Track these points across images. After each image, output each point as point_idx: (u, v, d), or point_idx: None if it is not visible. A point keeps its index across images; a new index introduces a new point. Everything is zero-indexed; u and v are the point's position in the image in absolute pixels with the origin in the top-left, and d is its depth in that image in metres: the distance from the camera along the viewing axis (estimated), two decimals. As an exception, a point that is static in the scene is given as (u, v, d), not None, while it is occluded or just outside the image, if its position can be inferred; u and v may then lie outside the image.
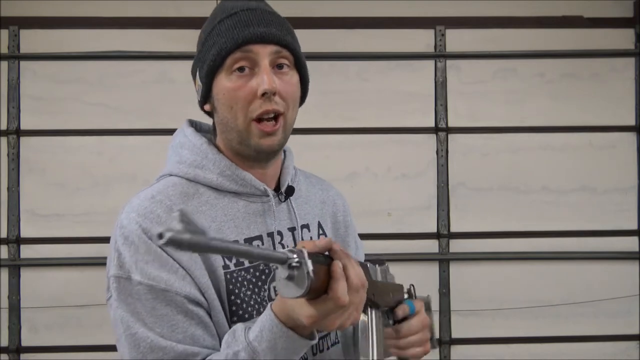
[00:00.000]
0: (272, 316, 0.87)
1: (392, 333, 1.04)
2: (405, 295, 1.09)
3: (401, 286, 1.08)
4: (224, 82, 1.01)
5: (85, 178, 3.10)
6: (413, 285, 1.10)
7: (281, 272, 0.77)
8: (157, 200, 0.99)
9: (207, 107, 1.08)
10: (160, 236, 0.62)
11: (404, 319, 1.05)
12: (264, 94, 0.98)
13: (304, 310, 0.82)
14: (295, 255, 0.76)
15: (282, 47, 1.01)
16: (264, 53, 0.99)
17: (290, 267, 0.76)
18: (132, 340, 0.93)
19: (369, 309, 0.97)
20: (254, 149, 1.02)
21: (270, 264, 0.79)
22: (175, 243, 0.63)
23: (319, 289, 0.80)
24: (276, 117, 1.01)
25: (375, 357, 0.96)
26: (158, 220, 0.97)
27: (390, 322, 1.04)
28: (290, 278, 0.77)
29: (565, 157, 3.22)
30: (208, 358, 0.93)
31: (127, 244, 0.95)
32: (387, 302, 1.01)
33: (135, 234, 0.95)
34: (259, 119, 1.00)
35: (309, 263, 0.76)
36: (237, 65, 0.99)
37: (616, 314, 3.16)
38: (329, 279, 0.82)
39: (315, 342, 0.90)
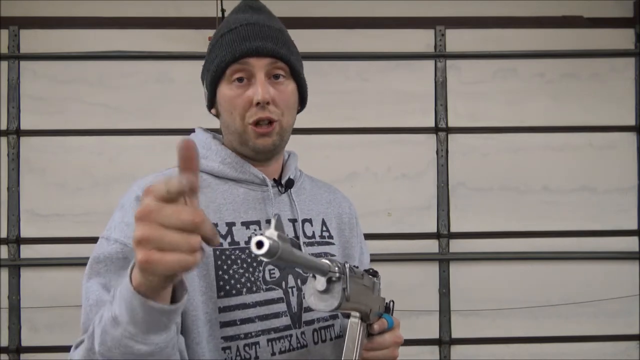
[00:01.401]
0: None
1: (365, 343, 1.04)
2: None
3: (384, 299, 1.10)
4: (225, 90, 1.11)
5: (85, 178, 3.10)
6: (393, 302, 1.12)
7: (318, 284, 0.81)
8: (161, 178, 1.05)
9: (213, 111, 1.17)
10: (260, 245, 0.62)
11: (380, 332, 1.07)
12: (258, 104, 1.07)
13: None
14: (338, 272, 0.80)
15: (277, 59, 1.09)
16: (260, 65, 1.08)
17: (329, 282, 0.80)
18: (85, 292, 0.98)
19: (360, 321, 0.98)
20: (252, 149, 1.11)
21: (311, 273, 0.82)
22: (271, 254, 0.63)
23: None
24: (271, 122, 1.09)
25: None
26: None
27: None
28: (325, 291, 0.81)
29: (565, 157, 3.22)
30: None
31: (119, 208, 1.04)
32: (374, 318, 1.04)
33: (129, 201, 1.02)
34: (255, 123, 1.09)
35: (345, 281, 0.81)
36: (235, 76, 1.09)
37: (616, 314, 3.16)
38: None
39: (152, 304, 0.74)
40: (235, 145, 1.12)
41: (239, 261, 1.05)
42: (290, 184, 1.17)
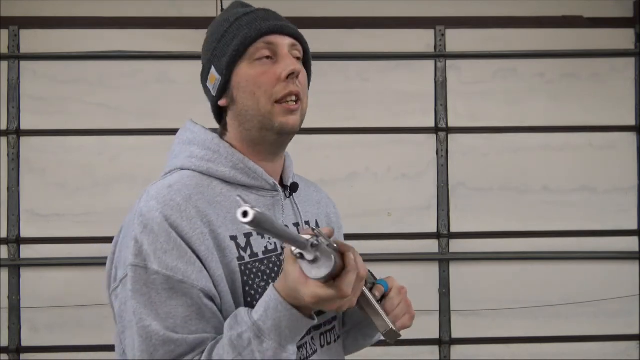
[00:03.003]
0: (277, 295, 0.89)
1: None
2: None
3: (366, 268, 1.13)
4: (246, 71, 1.06)
5: (85, 178, 3.10)
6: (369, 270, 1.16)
7: (307, 255, 0.81)
8: (176, 189, 1.01)
9: (222, 101, 1.10)
10: (245, 214, 0.65)
11: (383, 297, 1.11)
12: (289, 75, 1.04)
13: (309, 289, 0.85)
14: (313, 239, 0.80)
15: (297, 41, 1.09)
16: (283, 44, 1.06)
17: (312, 247, 0.79)
18: (144, 332, 0.93)
19: (363, 288, 1.02)
20: (278, 130, 1.05)
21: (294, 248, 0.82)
22: (257, 222, 0.66)
23: (335, 275, 0.85)
24: (297, 100, 1.06)
25: (392, 325, 1.03)
26: (178, 208, 0.98)
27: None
28: (314, 260, 0.80)
29: (565, 157, 3.22)
30: (212, 342, 0.94)
31: (147, 232, 0.95)
32: (368, 279, 1.08)
33: (156, 222, 0.96)
34: (281, 101, 1.05)
35: (325, 244, 0.81)
36: (259, 55, 1.05)
37: (616, 314, 3.16)
38: (342, 268, 0.86)
39: (315, 322, 0.92)
40: (254, 133, 1.07)
41: (259, 273, 1.03)
42: (294, 187, 1.15)
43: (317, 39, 3.08)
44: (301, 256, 0.81)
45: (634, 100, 3.24)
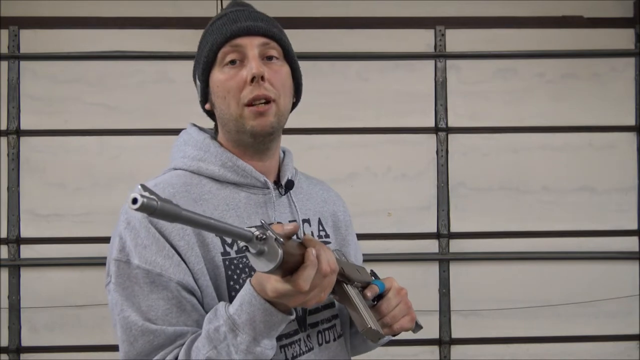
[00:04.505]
0: (251, 290, 0.90)
1: (375, 314, 1.07)
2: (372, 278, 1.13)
3: (364, 268, 1.11)
4: (217, 76, 1.07)
5: (85, 178, 3.10)
6: (372, 270, 1.14)
7: (252, 248, 0.79)
8: (160, 188, 1.03)
9: (207, 106, 1.12)
10: (134, 201, 0.63)
11: (380, 297, 1.09)
12: (253, 79, 1.03)
13: (270, 284, 0.86)
14: (259, 232, 0.78)
15: (269, 38, 1.07)
16: (252, 45, 1.05)
17: (258, 240, 0.77)
18: (124, 323, 0.96)
19: (344, 285, 1.01)
20: (250, 133, 1.06)
21: (239, 241, 0.79)
22: (149, 209, 0.63)
23: (291, 268, 0.83)
24: (267, 101, 1.05)
25: (371, 324, 0.98)
26: None
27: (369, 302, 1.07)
28: (259, 253, 0.79)
29: (565, 157, 3.22)
30: (192, 336, 0.96)
31: (129, 228, 0.99)
32: (356, 277, 1.04)
33: (137, 219, 0.98)
34: (251, 104, 1.04)
35: (273, 239, 0.79)
36: (228, 59, 1.06)
37: (616, 314, 3.16)
38: (302, 262, 0.85)
39: (292, 318, 0.92)
40: (233, 135, 1.08)
41: (246, 269, 1.03)
42: (290, 185, 1.15)
43: (317, 39, 3.11)
44: (247, 249, 0.79)
45: (634, 100, 3.24)
